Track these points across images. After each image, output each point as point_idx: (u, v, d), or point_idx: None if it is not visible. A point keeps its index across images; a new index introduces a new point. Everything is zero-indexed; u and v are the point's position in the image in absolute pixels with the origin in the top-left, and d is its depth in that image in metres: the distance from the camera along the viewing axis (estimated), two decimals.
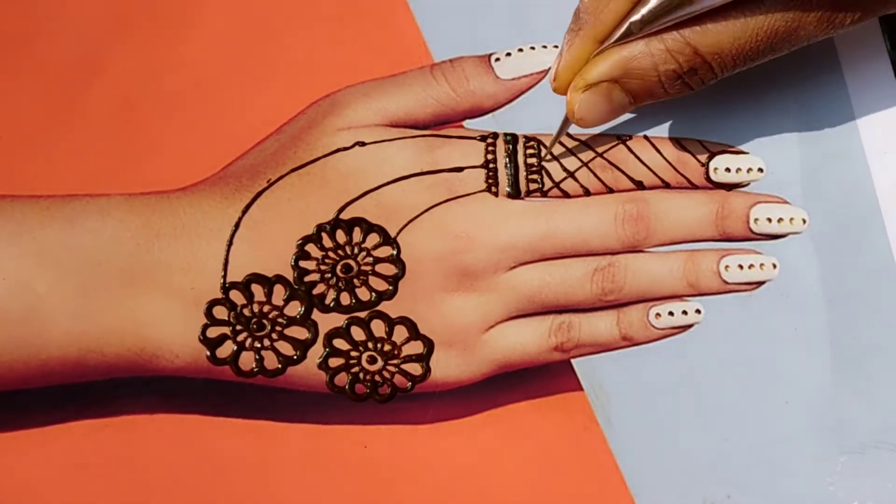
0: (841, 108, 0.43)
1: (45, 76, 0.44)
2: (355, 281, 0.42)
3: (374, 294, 0.42)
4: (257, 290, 0.42)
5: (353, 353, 0.42)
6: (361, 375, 0.42)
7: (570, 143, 0.43)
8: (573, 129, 0.42)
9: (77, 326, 0.41)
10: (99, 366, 0.41)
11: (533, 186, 0.42)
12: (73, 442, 0.42)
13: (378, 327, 0.42)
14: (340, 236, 0.42)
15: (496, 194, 0.42)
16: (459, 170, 0.42)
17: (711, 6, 0.37)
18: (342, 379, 0.42)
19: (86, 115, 0.43)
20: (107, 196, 0.42)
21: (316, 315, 0.42)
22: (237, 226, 0.42)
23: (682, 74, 0.38)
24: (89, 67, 0.44)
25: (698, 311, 0.42)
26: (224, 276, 0.41)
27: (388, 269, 0.42)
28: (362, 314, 0.42)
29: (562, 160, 0.42)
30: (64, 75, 0.44)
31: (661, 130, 0.43)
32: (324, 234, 0.42)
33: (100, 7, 0.44)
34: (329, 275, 0.42)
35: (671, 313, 0.42)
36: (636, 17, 0.37)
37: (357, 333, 0.42)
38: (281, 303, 0.42)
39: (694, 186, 0.43)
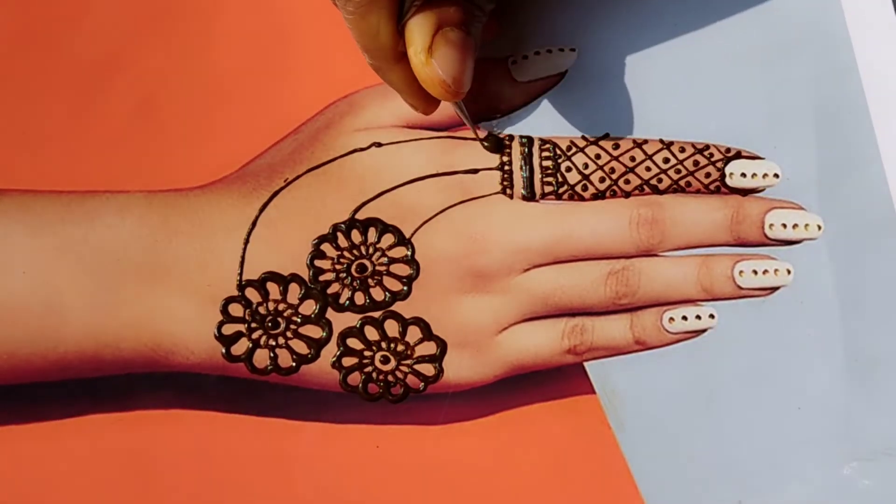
0: (858, 115, 0.43)
1: (68, 74, 0.44)
2: (370, 281, 0.42)
3: (388, 294, 0.42)
4: (273, 289, 0.42)
5: (367, 353, 0.42)
6: (374, 375, 0.42)
7: (586, 147, 0.43)
8: (589, 132, 0.42)
9: (94, 321, 0.41)
10: (115, 361, 0.41)
11: (548, 189, 0.43)
12: (87, 435, 0.42)
13: (392, 327, 0.42)
14: (356, 236, 0.42)
15: (511, 196, 0.42)
16: (475, 171, 0.43)
17: None
18: (355, 378, 0.42)
19: (107, 113, 0.44)
20: (126, 192, 0.43)
21: (330, 314, 0.42)
22: (254, 224, 0.42)
23: None
24: (111, 66, 0.44)
25: (712, 316, 0.42)
26: (240, 274, 0.42)
27: (403, 270, 0.42)
28: (376, 314, 0.42)
29: (577, 163, 0.43)
30: (86, 73, 0.44)
31: (677, 135, 0.43)
32: (339, 234, 0.42)
33: (122, 7, 0.44)
34: (344, 274, 0.42)
35: (685, 318, 0.42)
36: None
37: (371, 333, 0.42)
38: (296, 301, 0.42)
39: (709, 191, 0.43)
